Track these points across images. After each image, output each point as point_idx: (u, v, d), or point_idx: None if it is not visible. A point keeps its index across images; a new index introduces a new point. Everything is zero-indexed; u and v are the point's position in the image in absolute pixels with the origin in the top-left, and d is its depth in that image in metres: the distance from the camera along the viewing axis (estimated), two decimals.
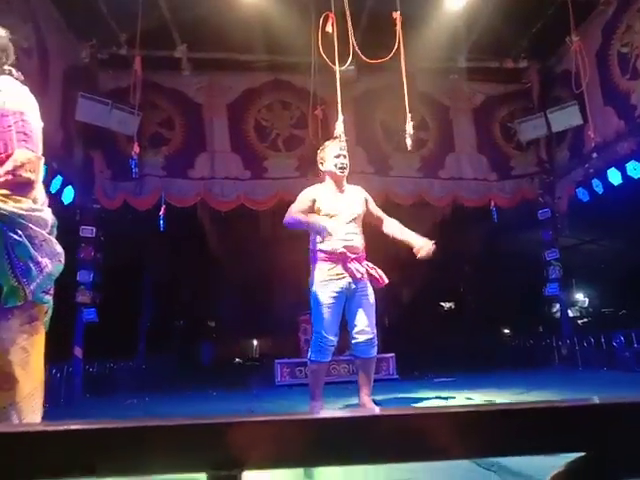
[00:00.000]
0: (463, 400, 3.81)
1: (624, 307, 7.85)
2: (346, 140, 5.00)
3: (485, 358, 9.28)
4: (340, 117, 4.78)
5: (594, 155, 6.37)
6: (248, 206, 6.85)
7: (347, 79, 6.29)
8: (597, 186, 6.49)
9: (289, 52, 6.77)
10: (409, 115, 4.68)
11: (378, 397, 3.80)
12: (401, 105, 7.06)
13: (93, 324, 6.05)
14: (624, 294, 7.35)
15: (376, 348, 3.20)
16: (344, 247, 3.15)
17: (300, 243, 3.51)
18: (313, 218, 3.15)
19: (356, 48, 5.27)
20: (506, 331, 12.05)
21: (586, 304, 9.69)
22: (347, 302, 3.21)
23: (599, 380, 5.15)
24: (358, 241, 3.26)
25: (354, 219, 3.28)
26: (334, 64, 5.46)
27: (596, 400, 0.64)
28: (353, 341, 3.18)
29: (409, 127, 4.44)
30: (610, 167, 6.21)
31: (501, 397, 3.75)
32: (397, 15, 4.53)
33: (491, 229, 8.80)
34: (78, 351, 5.85)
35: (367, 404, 3.14)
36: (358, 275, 3.10)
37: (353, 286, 3.15)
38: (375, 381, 3.29)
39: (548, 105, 7.06)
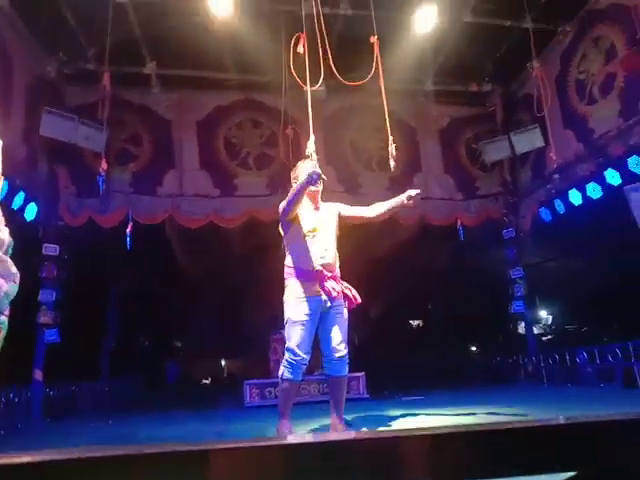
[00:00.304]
0: (434, 419, 3.80)
1: (586, 324, 8.07)
2: (317, 159, 5.05)
3: (454, 375, 9.37)
4: (312, 137, 4.80)
5: (555, 176, 6.59)
6: (218, 223, 6.78)
7: (317, 99, 6.37)
8: (559, 206, 6.70)
9: (260, 71, 6.82)
10: (391, 138, 4.75)
11: (349, 416, 3.77)
12: (369, 124, 7.22)
13: (55, 345, 5.82)
14: (586, 311, 7.56)
15: (348, 366, 3.17)
16: (321, 265, 3.12)
17: (272, 261, 3.47)
18: (297, 184, 3.12)
19: (332, 67, 5.32)
20: (473, 348, 12.19)
21: (550, 321, 9.92)
22: (321, 320, 3.17)
23: (565, 396, 5.24)
24: (333, 259, 3.24)
25: (330, 236, 3.28)
26: (305, 84, 5.50)
27: (583, 418, 0.63)
28: (326, 359, 3.14)
29: (392, 149, 4.50)
30: (571, 188, 6.43)
31: (472, 415, 3.76)
32: (374, 39, 4.63)
33: (458, 247, 8.97)
34: (38, 374, 5.61)
35: (338, 426, 3.11)
36: (334, 294, 3.07)
37: (328, 304, 3.13)
38: (346, 400, 3.25)
39: (511, 128, 7.29)
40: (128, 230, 6.32)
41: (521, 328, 7.60)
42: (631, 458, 0.62)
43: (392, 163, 5.03)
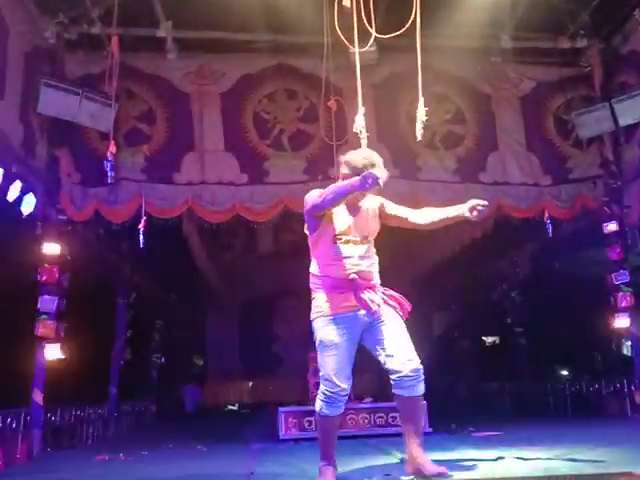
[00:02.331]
0: (513, 461, 3.73)
1: None
2: (367, 137, 5.03)
3: (538, 406, 9.17)
4: (361, 109, 4.78)
5: None
6: (245, 217, 6.84)
7: (366, 63, 6.32)
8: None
9: (296, 31, 6.82)
10: (422, 99, 4.68)
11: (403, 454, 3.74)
12: (431, 93, 7.10)
13: (56, 363, 6.02)
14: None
15: (423, 384, 3.08)
16: (356, 273, 3.09)
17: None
18: (344, 182, 3.02)
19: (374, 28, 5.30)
20: (564, 372, 11.90)
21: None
22: (366, 334, 3.13)
23: None
24: (372, 266, 3.21)
25: (369, 238, 3.24)
26: (352, 45, 5.48)
27: None
28: (393, 376, 3.04)
29: (421, 114, 4.45)
30: None
31: (564, 456, 3.67)
32: None
33: (544, 246, 8.72)
34: (38, 395, 5.81)
35: (420, 459, 3.01)
36: (374, 307, 3.03)
37: (367, 319, 3.10)
38: (401, 435, 3.22)
39: (613, 94, 7.04)
40: (141, 226, 6.44)
41: (626, 348, 7.35)
42: None
43: (419, 130, 4.94)
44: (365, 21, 4.81)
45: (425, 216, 3.31)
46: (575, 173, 7.44)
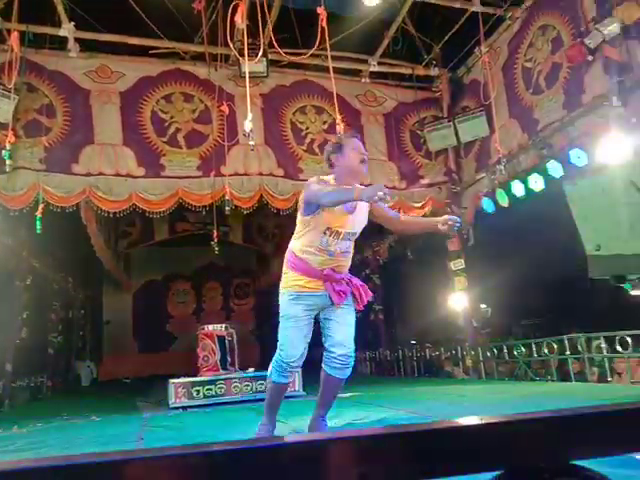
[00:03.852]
0: (370, 415, 3.86)
1: (524, 317, 8.51)
2: (255, 140, 4.96)
3: (392, 370, 9.61)
4: (249, 114, 4.71)
5: (499, 167, 6.84)
6: (141, 207, 6.51)
7: (256, 74, 6.25)
8: (501, 197, 6.98)
9: (194, 40, 6.60)
10: (339, 117, 4.73)
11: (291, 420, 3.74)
12: (312, 104, 7.19)
13: None
14: (526, 304, 7.96)
15: (350, 370, 2.98)
16: (333, 268, 2.92)
17: (202, 253, 3.32)
18: (349, 190, 2.65)
19: (266, 44, 5.24)
20: (412, 342, 12.53)
21: (489, 314, 10.37)
22: (325, 313, 3.01)
23: (504, 391, 5.49)
24: (348, 261, 3.03)
25: (354, 237, 3.00)
26: (243, 57, 5.37)
27: (502, 417, 0.64)
28: (327, 355, 2.97)
29: (339, 128, 4.48)
30: (513, 179, 6.70)
31: (408, 415, 3.85)
32: (321, 10, 4.57)
33: (399, 238, 9.15)
34: None
35: (313, 426, 3.05)
36: (340, 300, 2.91)
37: (328, 301, 2.96)
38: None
39: (457, 115, 7.49)
40: (38, 213, 5.94)
41: (461, 321, 7.90)
42: (547, 456, 0.64)
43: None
44: (264, 35, 4.72)
45: (404, 222, 3.18)
46: (425, 179, 7.85)
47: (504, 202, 6.90)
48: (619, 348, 5.10)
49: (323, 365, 3.00)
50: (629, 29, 5.02)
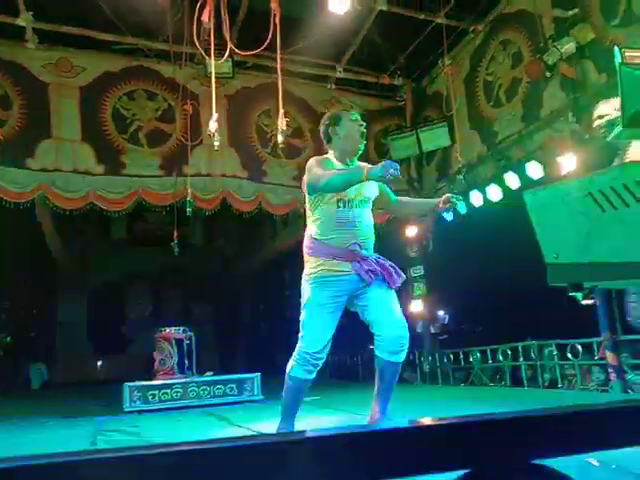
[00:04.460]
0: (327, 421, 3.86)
1: (481, 324, 8.68)
2: (219, 140, 4.90)
3: (353, 373, 9.63)
4: (214, 114, 4.65)
5: (459, 177, 6.98)
6: (99, 205, 6.33)
7: (222, 75, 6.18)
8: (461, 207, 7.11)
9: (158, 38, 6.48)
10: (282, 111, 4.71)
11: (249, 421, 3.70)
12: (277, 108, 7.15)
13: None
14: (482, 312, 8.12)
15: (405, 352, 2.74)
16: (358, 243, 2.71)
17: (166, 251, 3.25)
18: (356, 170, 2.57)
19: (233, 44, 5.19)
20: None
21: (446, 321, 10.56)
22: (358, 300, 2.76)
23: (459, 396, 5.59)
24: (372, 234, 2.82)
25: (367, 204, 2.83)
26: (209, 56, 5.31)
27: (470, 418, 0.64)
28: (381, 339, 2.71)
29: (281, 122, 4.45)
30: (472, 189, 6.85)
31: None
32: (275, 6, 4.51)
33: None
34: None
35: (374, 412, 2.79)
36: (370, 278, 2.68)
37: (358, 285, 2.72)
38: (242, 402, 3.17)
39: (420, 125, 7.61)
40: None
41: (419, 327, 8.00)
42: (508, 456, 0.65)
43: (280, 138, 4.98)
44: (231, 35, 4.67)
45: (404, 201, 3.12)
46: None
47: (463, 211, 7.03)
48: (570, 356, 5.27)
49: (376, 352, 2.76)
50: (584, 49, 5.22)
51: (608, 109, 2.73)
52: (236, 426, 3.31)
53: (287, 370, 2.74)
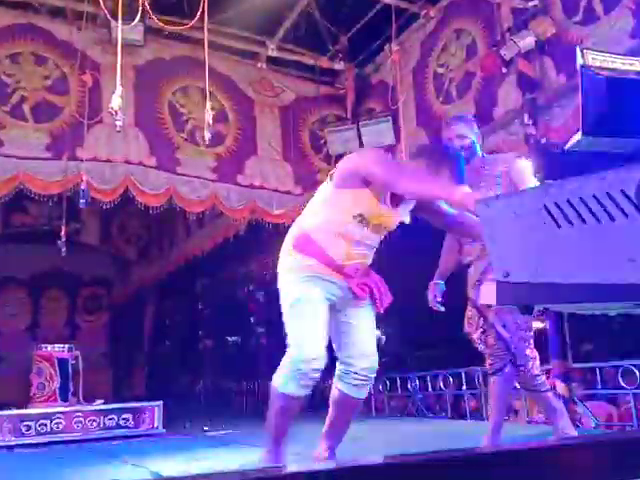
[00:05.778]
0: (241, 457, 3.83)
1: (420, 348, 8.92)
2: (123, 119, 4.78)
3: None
4: (118, 89, 4.53)
5: None
6: None
7: (130, 42, 6.04)
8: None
9: None
10: (209, 104, 4.68)
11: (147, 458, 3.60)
12: (196, 86, 7.06)
13: None
14: (421, 335, 8.34)
15: (368, 388, 2.78)
16: (355, 265, 2.68)
17: (47, 250, 3.11)
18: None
19: (146, 4, 5.11)
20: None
21: (382, 342, 10.78)
22: (338, 312, 2.74)
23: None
24: (371, 257, 2.82)
25: (383, 233, 2.82)
26: (115, 19, 5.19)
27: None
28: (344, 369, 2.70)
29: (208, 116, 4.41)
30: None
31: None
32: None
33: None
34: None
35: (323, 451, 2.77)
36: (363, 294, 2.67)
37: (351, 296, 2.70)
38: (139, 436, 3.09)
39: (361, 117, 7.75)
40: None
41: None
42: None
43: (207, 135, 4.96)
44: None
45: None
46: None
47: (406, 219, 7.23)
48: (517, 385, 5.51)
49: (336, 382, 2.75)
50: (543, 45, 5.53)
51: None
52: (132, 465, 3.21)
53: (275, 387, 2.62)
